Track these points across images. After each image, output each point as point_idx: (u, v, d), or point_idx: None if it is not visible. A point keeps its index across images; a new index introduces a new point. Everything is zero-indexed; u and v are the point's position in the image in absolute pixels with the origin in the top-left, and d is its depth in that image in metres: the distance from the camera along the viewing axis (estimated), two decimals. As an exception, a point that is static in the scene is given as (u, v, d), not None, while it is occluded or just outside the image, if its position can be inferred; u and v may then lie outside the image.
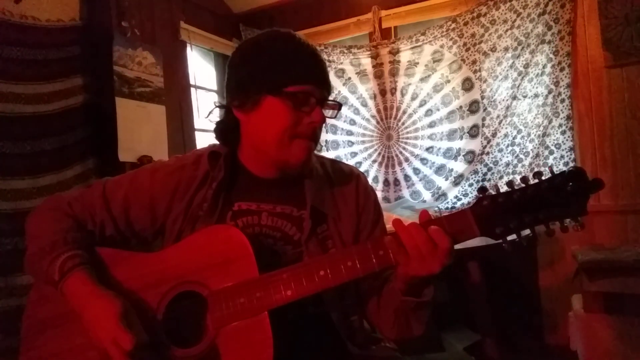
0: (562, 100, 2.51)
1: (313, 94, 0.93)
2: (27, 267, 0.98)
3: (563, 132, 2.52)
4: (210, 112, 1.05)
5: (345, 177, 1.07)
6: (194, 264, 0.91)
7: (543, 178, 0.76)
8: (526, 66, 2.58)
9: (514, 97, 2.62)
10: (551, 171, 0.77)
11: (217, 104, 1.05)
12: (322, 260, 0.85)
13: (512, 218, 0.77)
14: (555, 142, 2.54)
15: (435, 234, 0.78)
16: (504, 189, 0.79)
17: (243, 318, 0.85)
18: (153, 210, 1.01)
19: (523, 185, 0.77)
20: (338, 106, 1.00)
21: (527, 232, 0.79)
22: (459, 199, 2.80)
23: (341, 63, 3.10)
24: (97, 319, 0.84)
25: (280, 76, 0.92)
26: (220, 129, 1.03)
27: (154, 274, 0.93)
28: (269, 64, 0.93)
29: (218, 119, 1.05)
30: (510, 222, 0.77)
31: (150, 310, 0.91)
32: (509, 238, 0.80)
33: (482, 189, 0.80)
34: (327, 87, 0.96)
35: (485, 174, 2.73)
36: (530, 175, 0.77)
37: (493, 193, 0.79)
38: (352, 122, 3.11)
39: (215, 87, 3.31)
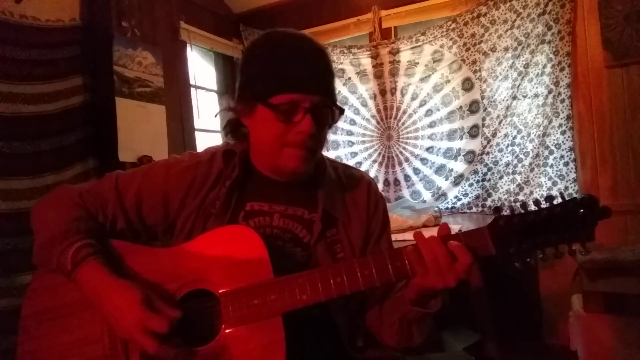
0: (562, 100, 2.51)
1: (302, 103, 0.90)
2: (35, 256, 0.96)
3: (563, 132, 2.52)
4: (216, 114, 1.07)
5: (357, 182, 1.07)
6: (207, 263, 0.90)
7: (555, 202, 0.79)
8: (526, 66, 2.57)
9: (514, 97, 2.62)
10: (562, 196, 0.80)
11: (223, 107, 1.06)
12: (339, 267, 0.85)
13: (525, 239, 0.80)
14: (555, 142, 2.54)
15: (457, 249, 0.80)
16: (516, 210, 0.82)
17: (256, 320, 0.85)
18: (166, 206, 1.00)
19: (536, 208, 0.80)
20: (339, 110, 0.96)
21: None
22: (459, 199, 2.80)
23: (341, 63, 3.09)
24: (119, 310, 0.83)
25: (266, 86, 0.90)
26: (230, 127, 1.04)
27: (167, 269, 0.92)
28: (258, 73, 0.92)
29: (226, 121, 1.06)
30: (524, 242, 0.80)
31: None
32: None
33: (497, 209, 0.84)
34: (322, 92, 0.92)
35: (485, 174, 2.73)
36: (542, 199, 0.80)
37: (508, 214, 0.81)
38: (352, 122, 3.11)
39: (215, 87, 3.31)
